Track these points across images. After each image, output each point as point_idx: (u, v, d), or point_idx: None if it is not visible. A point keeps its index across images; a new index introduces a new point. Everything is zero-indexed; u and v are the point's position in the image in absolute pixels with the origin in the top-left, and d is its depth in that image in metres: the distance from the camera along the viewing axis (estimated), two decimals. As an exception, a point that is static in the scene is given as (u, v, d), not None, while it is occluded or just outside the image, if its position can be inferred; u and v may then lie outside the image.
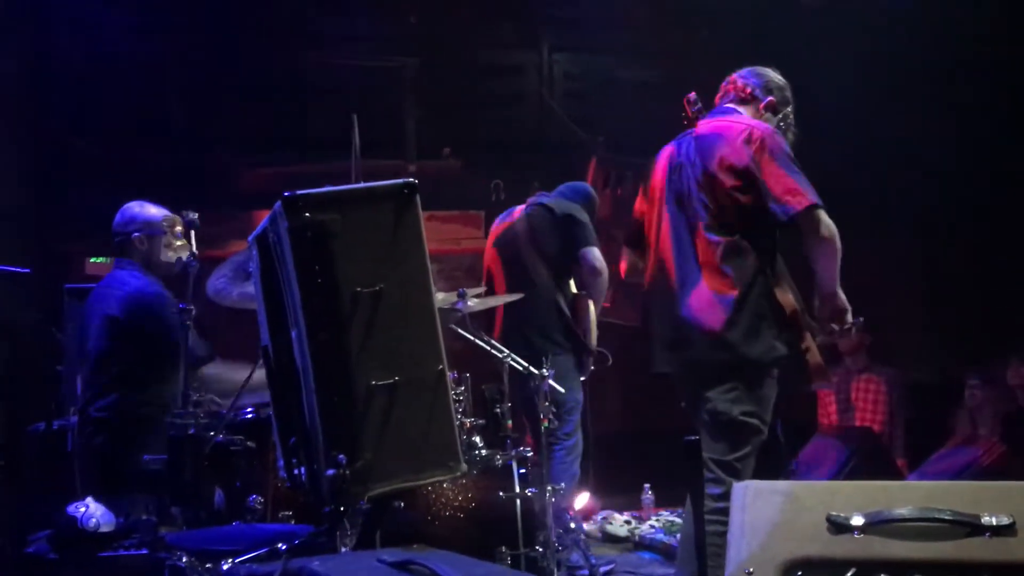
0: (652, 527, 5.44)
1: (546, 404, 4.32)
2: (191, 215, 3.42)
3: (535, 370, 4.30)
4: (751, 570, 1.81)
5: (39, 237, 5.98)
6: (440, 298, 3.70)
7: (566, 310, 4.88)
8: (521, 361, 4.33)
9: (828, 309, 3.28)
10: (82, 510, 3.44)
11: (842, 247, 3.19)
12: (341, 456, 2.35)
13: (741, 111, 3.42)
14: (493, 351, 4.32)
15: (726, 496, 3.05)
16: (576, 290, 4.99)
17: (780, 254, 3.36)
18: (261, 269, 2.77)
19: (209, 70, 6.81)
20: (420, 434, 2.47)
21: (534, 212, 5.04)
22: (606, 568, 4.64)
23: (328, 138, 5.82)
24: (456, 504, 3.59)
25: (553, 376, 4.30)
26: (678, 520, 5.44)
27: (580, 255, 4.81)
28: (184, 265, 3.41)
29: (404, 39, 7.08)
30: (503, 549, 3.65)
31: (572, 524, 4.60)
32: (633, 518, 5.68)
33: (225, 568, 2.29)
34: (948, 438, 5.80)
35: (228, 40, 6.78)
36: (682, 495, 3.53)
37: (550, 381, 4.32)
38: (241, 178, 6.78)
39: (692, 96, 3.54)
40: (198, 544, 2.68)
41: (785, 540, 1.83)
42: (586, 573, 4.44)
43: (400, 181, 2.50)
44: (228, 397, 3.70)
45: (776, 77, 3.52)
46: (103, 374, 4.03)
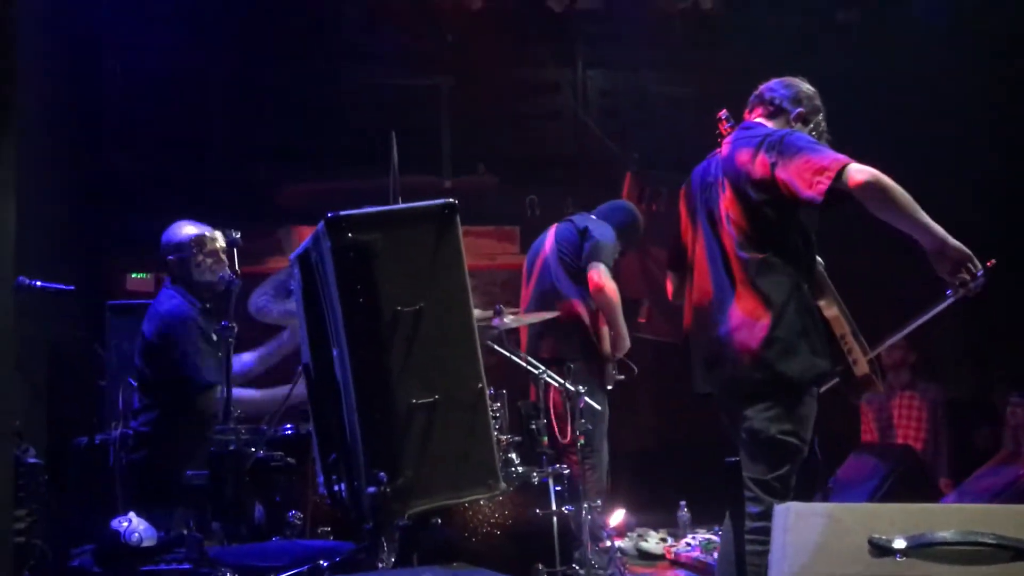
0: (688, 545, 5.41)
1: (581, 421, 4.33)
2: (234, 234, 3.47)
3: (571, 387, 4.32)
4: (792, 592, 1.81)
5: (82, 254, 6.06)
6: (476, 314, 3.72)
7: (586, 322, 4.95)
8: (556, 377, 4.34)
9: (945, 261, 2.99)
10: (125, 524, 3.50)
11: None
12: (382, 474, 2.38)
13: (769, 125, 3.37)
14: (529, 367, 4.33)
15: (765, 515, 3.03)
16: None
17: (824, 266, 3.33)
18: (303, 287, 2.81)
19: (248, 86, 6.91)
20: (460, 452, 2.49)
21: (561, 227, 5.19)
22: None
23: (365, 154, 5.87)
24: (493, 521, 3.59)
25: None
26: (715, 538, 5.42)
27: (587, 270, 4.90)
28: (227, 283, 3.47)
29: (440, 57, 7.13)
30: (540, 566, 3.65)
31: (608, 542, 4.60)
32: (669, 535, 5.66)
33: (268, 584, 2.32)
34: (988, 457, 5.73)
35: (267, 57, 6.87)
36: (718, 513, 3.51)
37: (586, 399, 4.34)
38: (280, 194, 6.84)
39: (724, 113, 3.53)
40: (240, 559, 2.72)
41: (827, 562, 1.83)
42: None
43: (441, 202, 2.53)
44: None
45: (805, 86, 3.45)
46: (146, 391, 4.11)
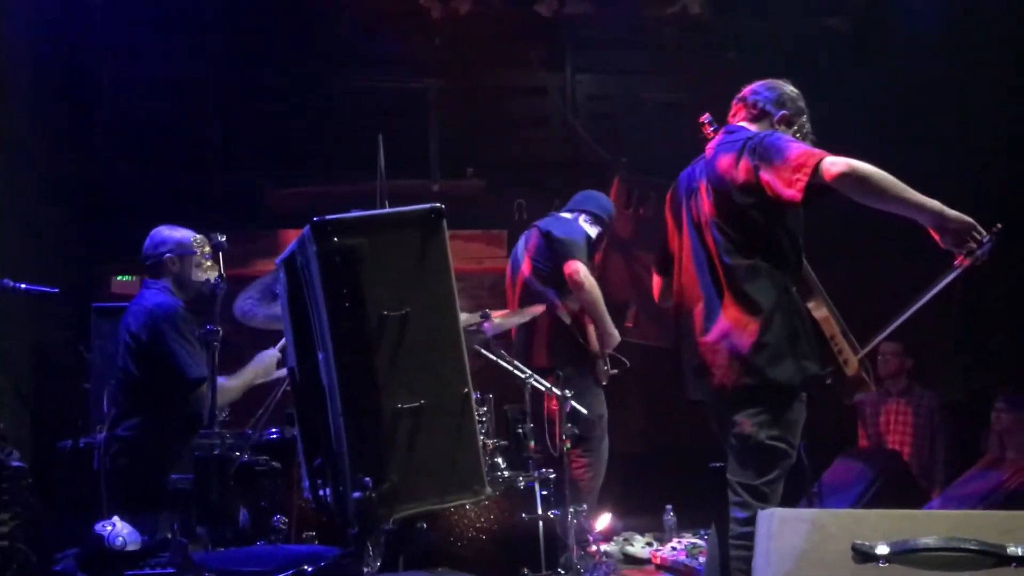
0: (674, 549, 5.41)
1: (568, 425, 4.34)
2: (219, 238, 3.46)
3: (558, 391, 4.32)
4: (776, 598, 1.81)
5: (67, 256, 6.04)
6: (463, 319, 3.72)
7: (567, 323, 4.96)
8: (543, 381, 4.34)
9: (948, 233, 2.93)
10: (109, 528, 3.47)
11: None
12: (367, 478, 2.38)
13: (752, 128, 3.35)
14: (516, 371, 4.33)
15: (752, 521, 3.03)
16: None
17: (810, 268, 3.34)
18: (289, 292, 2.81)
19: (236, 90, 6.90)
20: (446, 457, 2.49)
21: (529, 234, 5.25)
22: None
23: (353, 158, 5.88)
24: (479, 525, 3.59)
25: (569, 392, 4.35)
26: (700, 543, 5.42)
27: (563, 271, 4.91)
28: (212, 287, 3.45)
29: (428, 60, 7.14)
30: (525, 571, 3.64)
31: (593, 546, 4.60)
32: (655, 539, 5.67)
33: (251, 589, 2.31)
34: (973, 461, 5.76)
35: (254, 61, 6.87)
36: (705, 517, 3.52)
37: (572, 403, 4.35)
38: (267, 198, 6.83)
39: (707, 117, 3.53)
40: (225, 564, 2.70)
41: (810, 568, 1.84)
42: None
43: (427, 206, 2.52)
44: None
45: (788, 88, 3.44)
46: (129, 394, 4.08)
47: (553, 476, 4.00)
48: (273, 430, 3.78)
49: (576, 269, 4.86)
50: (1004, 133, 6.35)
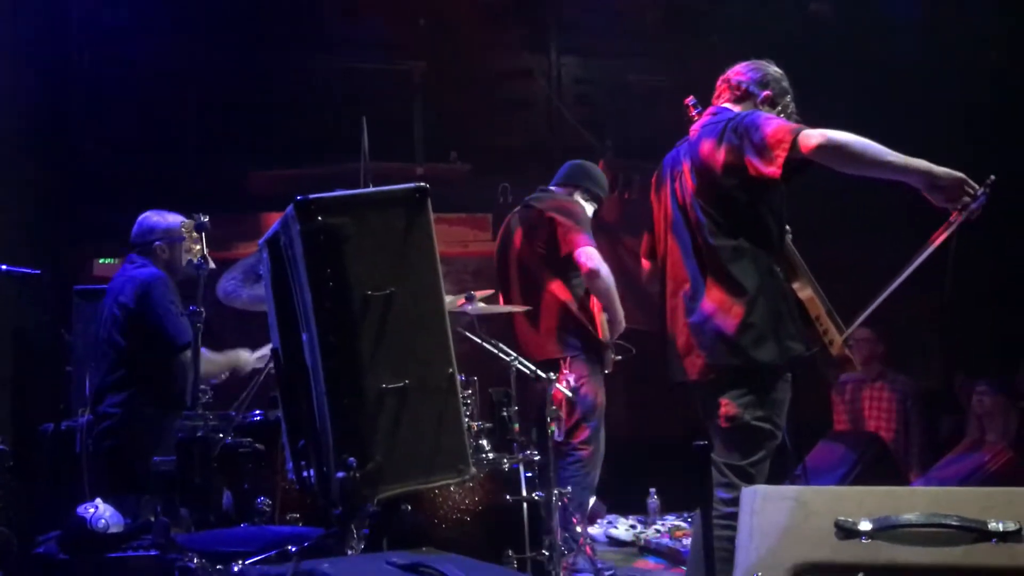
0: (658, 532, 5.44)
1: (552, 408, 4.33)
2: (202, 218, 3.44)
3: (543, 374, 4.31)
4: (759, 574, 1.82)
5: (48, 239, 6.00)
6: (448, 301, 3.71)
7: (575, 309, 4.77)
8: (529, 364, 4.33)
9: (940, 191, 2.90)
10: (91, 511, 3.47)
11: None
12: (351, 459, 2.37)
13: (735, 110, 3.34)
14: (500, 354, 4.32)
15: (737, 501, 3.05)
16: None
17: (795, 249, 3.34)
18: (272, 272, 2.79)
19: (217, 73, 6.83)
20: (430, 437, 2.48)
21: (524, 214, 4.97)
22: (609, 572, 4.64)
23: (336, 141, 5.85)
24: (463, 507, 3.59)
25: (574, 379, 4.30)
26: (684, 525, 5.45)
27: (574, 257, 4.66)
28: (196, 267, 3.44)
29: (412, 42, 7.09)
30: (509, 552, 3.65)
31: (578, 528, 4.61)
32: (639, 523, 5.69)
33: (236, 570, 2.31)
34: (955, 444, 5.81)
35: (237, 43, 6.81)
36: (687, 500, 3.53)
37: (557, 385, 4.34)
38: (249, 180, 6.79)
39: (691, 100, 3.52)
40: (208, 545, 2.70)
41: (793, 545, 1.84)
42: (590, 575, 4.46)
43: (412, 186, 2.51)
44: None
45: (772, 69, 3.43)
46: (115, 368, 4.07)
47: (538, 459, 4.00)
48: (256, 412, 3.77)
49: (589, 255, 4.62)
50: (984, 111, 6.37)
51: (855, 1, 6.95)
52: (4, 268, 4.11)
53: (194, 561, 2.60)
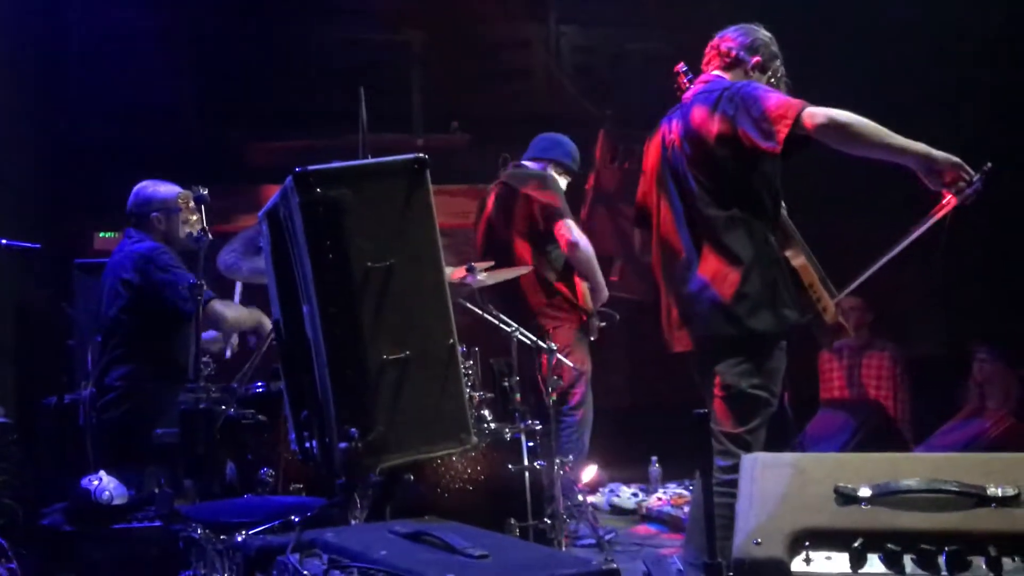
0: (659, 499, 5.48)
1: (555, 378, 4.36)
2: (201, 191, 3.44)
3: (543, 344, 4.34)
4: (759, 540, 1.83)
5: (49, 213, 5.99)
6: (448, 272, 3.71)
7: (554, 281, 4.88)
8: (529, 335, 4.35)
9: (937, 175, 2.90)
10: (95, 483, 3.49)
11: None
12: (353, 429, 2.38)
13: (726, 77, 3.32)
14: (501, 325, 4.34)
15: (735, 468, 3.06)
16: None
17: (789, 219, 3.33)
18: (272, 244, 2.79)
19: (216, 44, 6.80)
20: (431, 407, 2.49)
21: (501, 192, 5.09)
22: (609, 536, 4.69)
23: (335, 112, 5.82)
24: (465, 477, 3.61)
25: (557, 350, 4.35)
26: (685, 493, 5.48)
27: (554, 231, 4.80)
28: (196, 240, 3.44)
29: (411, 12, 7.04)
30: (512, 521, 3.68)
31: (580, 496, 4.64)
32: (640, 491, 5.73)
33: (239, 539, 2.32)
34: (955, 411, 5.82)
35: (234, 14, 6.77)
36: (688, 468, 3.55)
37: (559, 356, 4.37)
38: (249, 152, 6.78)
39: (682, 66, 3.48)
40: (212, 516, 2.71)
41: (793, 511, 1.86)
42: (593, 542, 4.49)
43: (411, 156, 2.51)
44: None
45: (762, 32, 3.39)
46: (118, 342, 4.08)
47: (539, 428, 4.02)
48: (259, 384, 3.78)
49: (568, 228, 4.76)
50: (983, 76, 6.33)
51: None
52: (4, 242, 4.10)
53: (198, 532, 2.61)
